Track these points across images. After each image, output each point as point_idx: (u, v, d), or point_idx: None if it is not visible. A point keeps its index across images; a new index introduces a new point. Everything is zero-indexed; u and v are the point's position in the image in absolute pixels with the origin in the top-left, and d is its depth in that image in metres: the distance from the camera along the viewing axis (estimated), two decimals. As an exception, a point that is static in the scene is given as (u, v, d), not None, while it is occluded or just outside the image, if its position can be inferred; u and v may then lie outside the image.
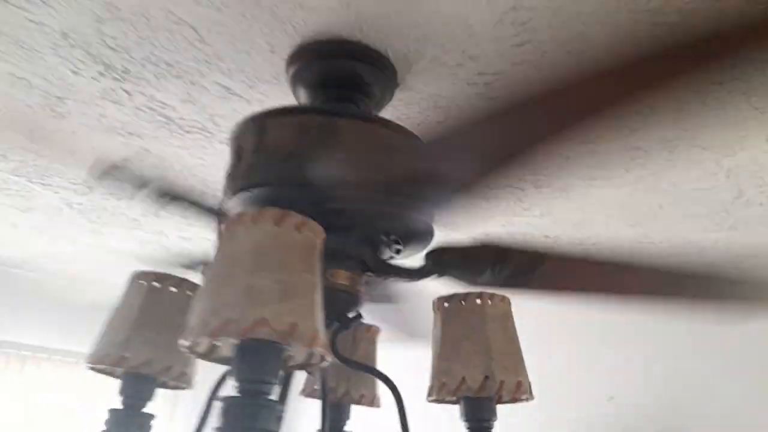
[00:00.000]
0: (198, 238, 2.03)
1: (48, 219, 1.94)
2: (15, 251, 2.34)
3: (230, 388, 0.65)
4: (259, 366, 0.60)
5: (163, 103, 1.19)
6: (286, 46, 0.98)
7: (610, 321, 2.31)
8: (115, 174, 0.97)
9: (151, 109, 1.22)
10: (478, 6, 0.87)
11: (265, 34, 0.96)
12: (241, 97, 1.15)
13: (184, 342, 0.60)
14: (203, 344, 0.63)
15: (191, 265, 1.23)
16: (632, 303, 1.12)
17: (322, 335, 0.61)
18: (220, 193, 1.58)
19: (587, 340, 2.35)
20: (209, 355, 0.66)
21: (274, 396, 0.60)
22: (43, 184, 1.66)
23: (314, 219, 0.67)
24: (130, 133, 1.33)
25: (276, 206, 0.81)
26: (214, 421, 0.62)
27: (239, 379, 0.60)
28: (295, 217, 0.63)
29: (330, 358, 0.63)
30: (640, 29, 0.88)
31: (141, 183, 0.94)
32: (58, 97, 1.20)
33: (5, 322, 2.56)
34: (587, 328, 2.36)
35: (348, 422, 1.09)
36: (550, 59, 0.97)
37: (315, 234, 0.65)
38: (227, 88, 1.12)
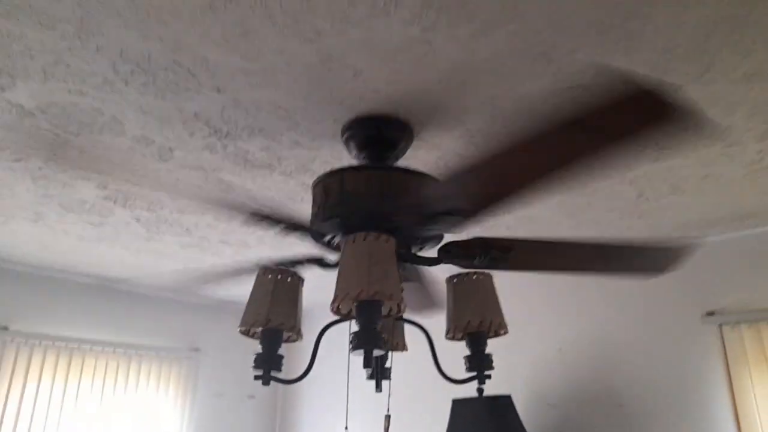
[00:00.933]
0: (234, 239, 2.53)
1: (114, 230, 2.40)
2: (77, 257, 2.79)
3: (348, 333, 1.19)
4: (372, 314, 1.15)
5: (247, 151, 1.71)
6: (345, 119, 1.52)
7: (558, 292, 2.95)
8: (265, 220, 1.46)
9: (236, 154, 1.73)
10: (475, 100, 1.43)
11: (332, 113, 1.50)
12: (303, 146, 1.68)
13: (332, 304, 1.14)
14: (337, 307, 1.17)
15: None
16: (571, 275, 1.70)
17: (402, 299, 1.16)
18: (270, 204, 2.09)
19: (541, 306, 2.99)
20: (337, 313, 1.20)
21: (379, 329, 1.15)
22: (124, 205, 2.13)
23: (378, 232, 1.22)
24: (213, 169, 1.83)
25: (355, 227, 1.35)
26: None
27: (362, 321, 1.14)
28: (386, 235, 1.18)
29: (405, 311, 1.18)
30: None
31: (279, 222, 1.45)
32: (170, 149, 1.70)
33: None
34: (541, 297, 3.00)
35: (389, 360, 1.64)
36: (510, 120, 1.55)
37: (393, 244, 1.20)
38: (296, 141, 1.65)
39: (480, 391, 2.66)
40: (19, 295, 2.93)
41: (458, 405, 2.66)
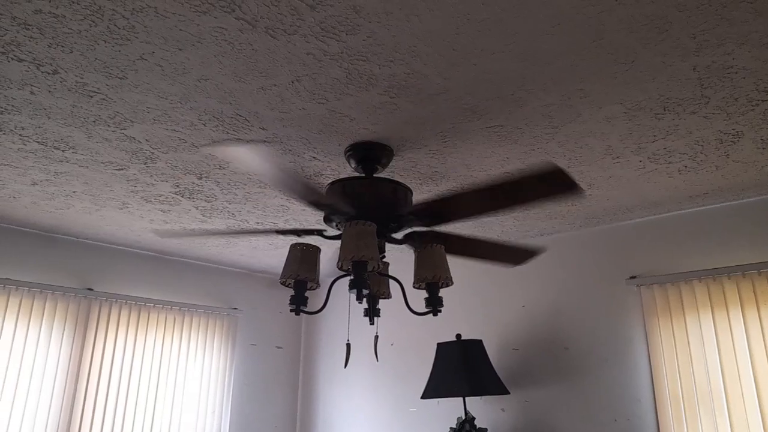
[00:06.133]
0: (268, 222, 3.31)
1: (178, 216, 3.20)
2: (146, 235, 3.60)
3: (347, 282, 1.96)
4: (361, 269, 1.91)
5: (280, 163, 2.47)
6: (346, 144, 2.27)
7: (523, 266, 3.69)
8: (289, 233, 2.23)
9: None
10: (430, 133, 2.17)
11: (337, 140, 2.25)
12: (318, 159, 2.44)
13: (338, 263, 1.91)
14: (341, 264, 1.94)
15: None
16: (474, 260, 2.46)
17: (379, 260, 1.92)
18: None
19: (510, 275, 3.74)
20: (341, 269, 1.97)
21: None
22: (189, 198, 2.92)
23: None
24: (256, 174, 2.60)
25: (352, 216, 2.12)
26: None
27: (355, 273, 1.91)
28: (370, 221, 1.94)
29: (379, 267, 1.94)
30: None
31: (294, 232, 2.21)
32: (227, 162, 2.46)
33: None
34: (511, 269, 3.75)
35: (378, 304, 2.41)
36: (449, 143, 2.28)
37: (375, 227, 1.96)
38: (314, 157, 2.41)
39: (458, 336, 3.46)
40: (101, 264, 3.78)
41: (441, 347, 3.44)
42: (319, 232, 2.28)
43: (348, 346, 2.24)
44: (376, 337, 2.24)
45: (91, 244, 3.76)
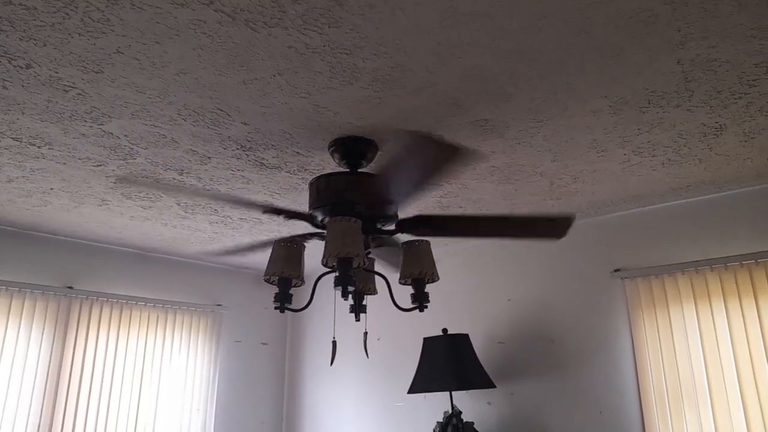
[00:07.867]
0: (251, 218, 3.26)
1: (159, 212, 3.14)
2: (126, 232, 3.54)
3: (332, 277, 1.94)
4: (347, 267, 1.88)
5: (263, 158, 2.43)
6: (330, 138, 2.24)
7: (508, 259, 3.70)
8: (275, 212, 2.18)
9: (255, 160, 2.45)
10: (413, 127, 2.14)
11: (321, 135, 2.21)
12: (302, 155, 2.40)
13: (322, 260, 1.88)
14: (326, 261, 1.91)
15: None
16: (487, 238, 2.44)
17: (365, 256, 1.90)
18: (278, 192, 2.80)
19: (495, 269, 3.74)
20: (326, 266, 1.94)
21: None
22: (167, 196, 2.87)
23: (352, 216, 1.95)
24: (239, 169, 2.56)
25: (336, 214, 2.09)
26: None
27: (340, 270, 1.88)
28: (355, 217, 1.91)
29: (365, 264, 1.92)
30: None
31: (280, 213, 2.17)
32: (208, 157, 2.42)
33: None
34: (495, 264, 3.75)
35: (364, 300, 2.39)
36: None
37: (360, 223, 1.93)
38: (297, 152, 2.37)
39: (444, 331, 3.45)
40: (81, 262, 3.70)
41: (428, 341, 3.43)
42: (308, 217, 2.20)
43: (334, 344, 2.22)
44: (365, 333, 2.22)
45: (70, 242, 3.68)
